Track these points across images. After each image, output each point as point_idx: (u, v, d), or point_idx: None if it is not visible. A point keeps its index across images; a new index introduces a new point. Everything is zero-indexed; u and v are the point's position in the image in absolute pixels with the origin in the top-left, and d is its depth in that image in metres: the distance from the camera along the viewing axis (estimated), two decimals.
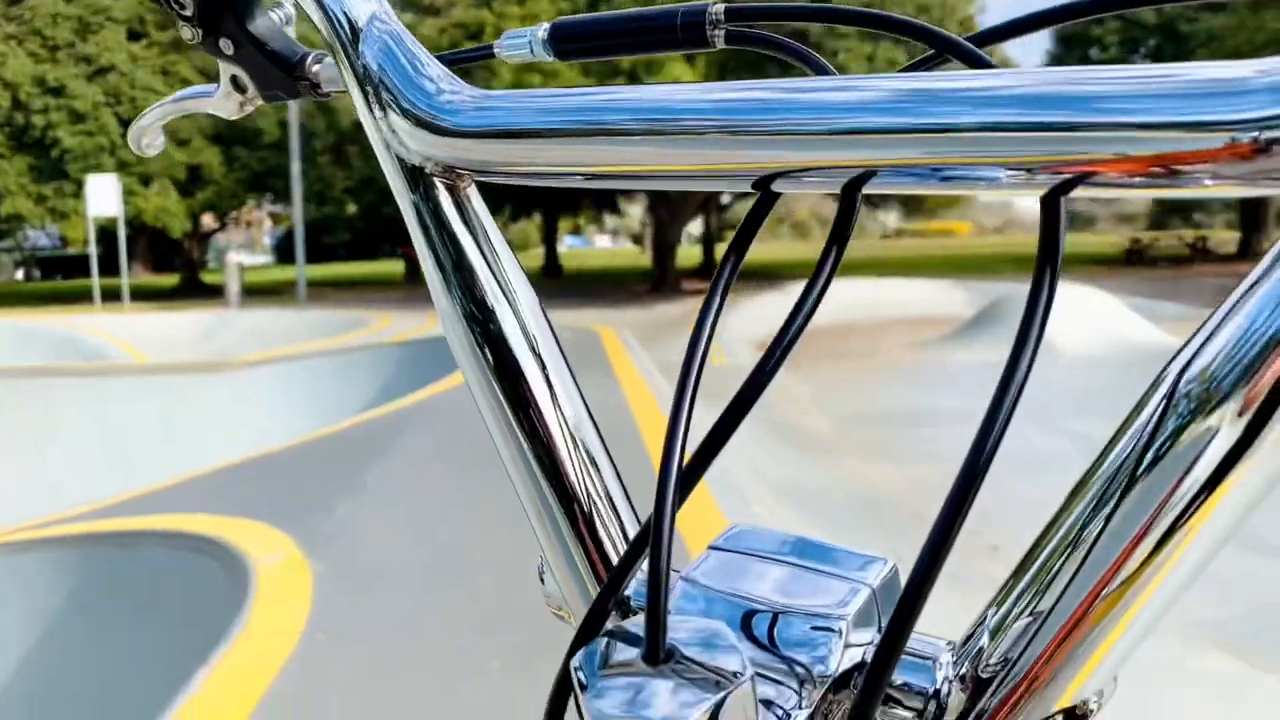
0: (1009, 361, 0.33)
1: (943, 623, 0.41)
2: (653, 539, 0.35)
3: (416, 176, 0.44)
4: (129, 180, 22.88)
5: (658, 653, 0.33)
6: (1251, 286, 0.30)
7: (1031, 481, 4.94)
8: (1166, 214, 34.64)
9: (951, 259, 29.71)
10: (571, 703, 0.35)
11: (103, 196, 19.38)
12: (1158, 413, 0.31)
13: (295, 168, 22.46)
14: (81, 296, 22.10)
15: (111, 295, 20.86)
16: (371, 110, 0.44)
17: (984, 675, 0.36)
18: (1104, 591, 0.33)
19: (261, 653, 2.81)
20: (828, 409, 8.66)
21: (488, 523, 3.98)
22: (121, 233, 20.61)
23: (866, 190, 0.36)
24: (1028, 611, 0.35)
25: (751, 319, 14.31)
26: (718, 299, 0.39)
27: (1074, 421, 6.41)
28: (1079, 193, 0.32)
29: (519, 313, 0.45)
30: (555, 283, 26.28)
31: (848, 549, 0.42)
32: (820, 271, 0.38)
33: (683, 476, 0.36)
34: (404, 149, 0.44)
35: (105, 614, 3.72)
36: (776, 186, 0.37)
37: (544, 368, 0.45)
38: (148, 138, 0.61)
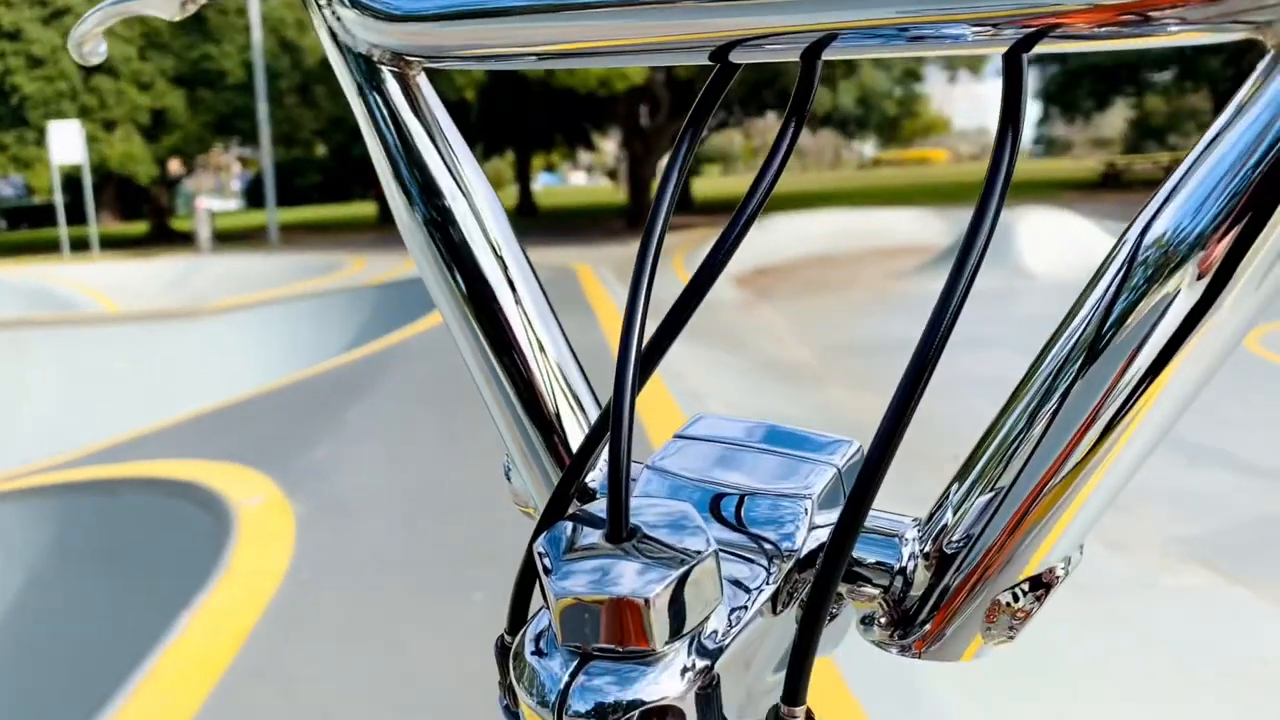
0: (970, 224, 0.32)
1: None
2: (613, 416, 0.34)
3: (365, 67, 0.43)
4: (92, 126, 22.43)
5: (620, 531, 0.33)
6: (1207, 147, 0.29)
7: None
8: (1141, 137, 34.63)
9: (928, 187, 29.65)
10: (537, 589, 0.35)
11: (66, 143, 19.07)
12: (1117, 279, 0.31)
13: (262, 109, 22.10)
14: (49, 247, 21.79)
15: (80, 245, 20.58)
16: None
17: (949, 551, 0.36)
18: (1066, 461, 0.33)
19: (245, 593, 2.82)
20: (808, 340, 8.69)
21: (468, 461, 3.99)
22: (87, 180, 20.27)
23: (827, 55, 0.35)
24: (990, 485, 0.34)
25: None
26: (675, 173, 0.38)
27: None
28: (1043, 48, 0.31)
29: (476, 207, 0.43)
30: (530, 221, 26.07)
31: (814, 433, 0.42)
32: (780, 143, 0.37)
33: (643, 357, 0.36)
34: (350, 38, 0.42)
35: (88, 561, 3.72)
36: (735, 56, 0.36)
37: (503, 263, 0.44)
38: (89, 44, 0.58)
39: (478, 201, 0.44)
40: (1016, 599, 0.35)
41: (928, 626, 0.36)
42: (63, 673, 3.30)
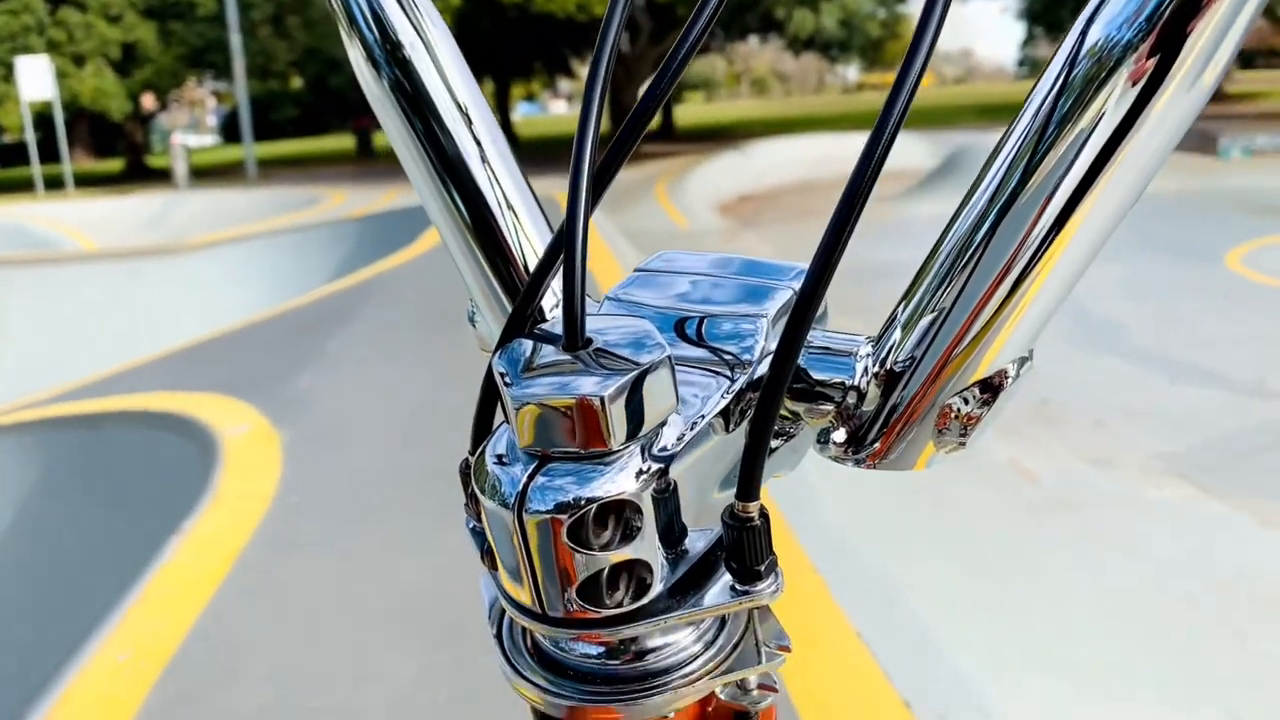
0: (911, 43, 0.33)
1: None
2: (567, 228, 0.35)
3: None
4: (61, 61, 21.98)
5: (577, 340, 0.34)
6: None
7: None
8: None
9: (912, 111, 29.27)
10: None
11: (35, 79, 18.75)
12: (1055, 86, 0.31)
13: (235, 41, 21.67)
14: (23, 186, 21.48)
15: (54, 183, 20.31)
16: None
17: (899, 362, 0.36)
18: (1012, 267, 0.33)
19: (234, 518, 2.84)
20: None
21: (453, 385, 4.00)
22: (59, 116, 19.93)
23: None
24: (937, 297, 0.35)
25: (710, 179, 14.18)
26: None
27: None
28: None
29: (428, 40, 0.44)
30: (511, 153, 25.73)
31: (774, 261, 0.43)
32: None
33: (595, 173, 0.36)
34: None
35: (74, 494, 3.73)
36: None
37: (465, 113, 0.44)
38: None
39: (429, 34, 0.44)
40: (967, 403, 0.36)
41: (881, 438, 0.37)
42: (53, 601, 3.32)
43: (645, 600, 0.34)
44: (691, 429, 0.35)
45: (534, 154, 23.73)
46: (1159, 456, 3.68)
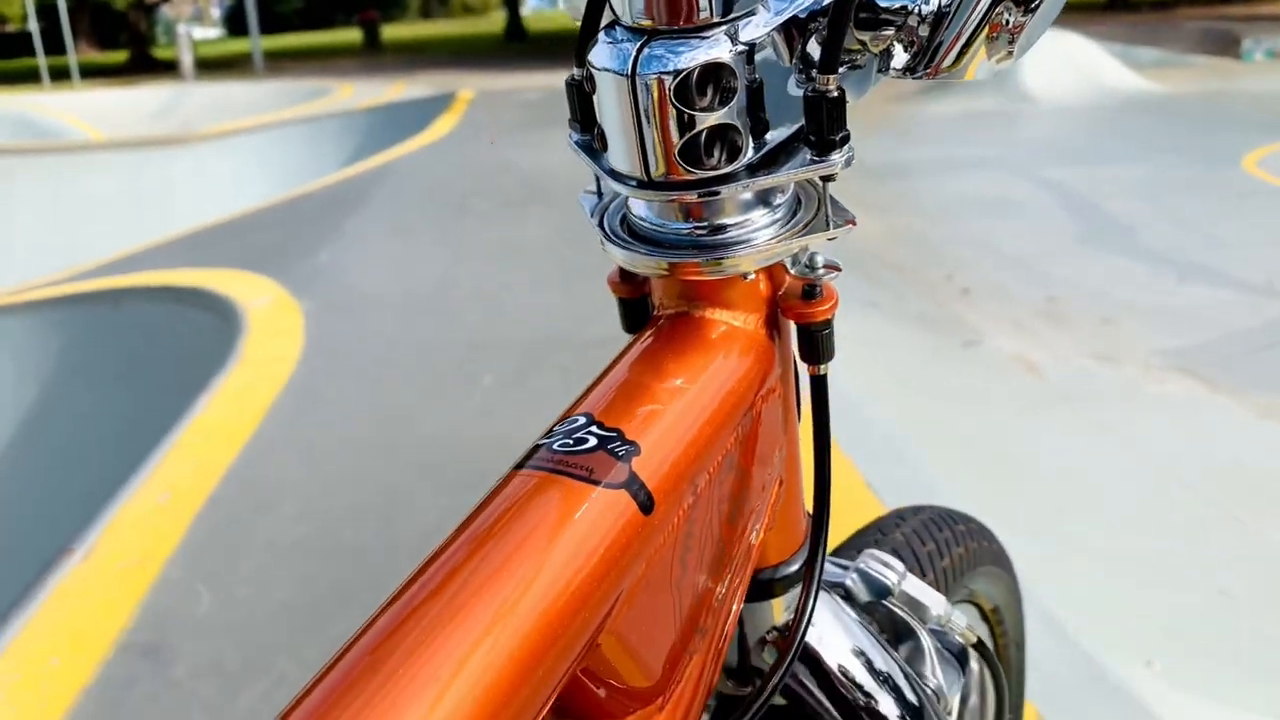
0: None
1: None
2: None
3: None
4: None
5: None
6: None
7: (1005, 224, 4.99)
8: None
9: None
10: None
11: None
12: None
13: None
14: (28, 76, 21.15)
15: (59, 74, 19.99)
16: None
17: None
18: None
19: (261, 378, 2.91)
20: None
21: (469, 261, 4.03)
22: (62, 4, 19.54)
23: None
24: None
25: None
26: None
27: (1048, 169, 6.39)
28: None
29: None
30: (520, 47, 25.24)
31: None
32: None
33: None
34: None
35: (100, 366, 3.78)
36: None
37: None
38: None
39: None
40: (1017, 3, 0.40)
41: (938, 52, 0.41)
42: (87, 462, 3.39)
43: (736, 165, 0.40)
44: (777, 21, 0.39)
45: (542, 47, 23.28)
46: (1165, 353, 3.69)
